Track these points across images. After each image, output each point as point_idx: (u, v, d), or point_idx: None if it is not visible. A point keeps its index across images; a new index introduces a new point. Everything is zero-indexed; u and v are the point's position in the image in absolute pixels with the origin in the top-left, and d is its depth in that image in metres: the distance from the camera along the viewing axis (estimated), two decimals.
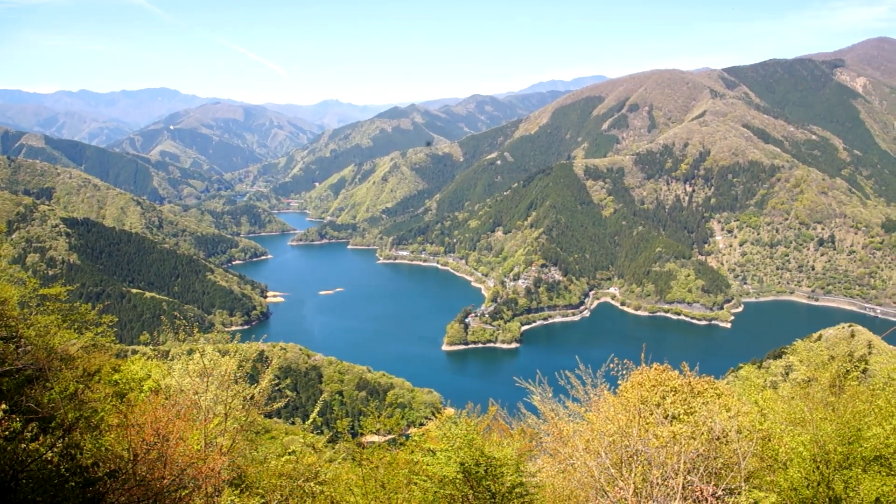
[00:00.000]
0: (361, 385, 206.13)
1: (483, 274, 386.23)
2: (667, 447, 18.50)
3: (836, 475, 17.56)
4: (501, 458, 20.28)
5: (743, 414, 21.90)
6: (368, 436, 23.08)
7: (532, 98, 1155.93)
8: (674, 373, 26.89)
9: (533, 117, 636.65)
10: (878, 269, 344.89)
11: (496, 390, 39.79)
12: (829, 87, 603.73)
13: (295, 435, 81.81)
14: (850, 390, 24.51)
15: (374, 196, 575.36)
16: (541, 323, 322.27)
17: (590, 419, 22.78)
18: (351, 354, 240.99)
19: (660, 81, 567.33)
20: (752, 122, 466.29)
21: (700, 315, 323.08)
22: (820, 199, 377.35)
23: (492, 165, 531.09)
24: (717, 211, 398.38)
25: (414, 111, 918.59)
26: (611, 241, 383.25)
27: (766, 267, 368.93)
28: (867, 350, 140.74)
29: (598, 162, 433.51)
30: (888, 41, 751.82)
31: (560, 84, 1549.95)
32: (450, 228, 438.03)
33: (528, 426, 26.73)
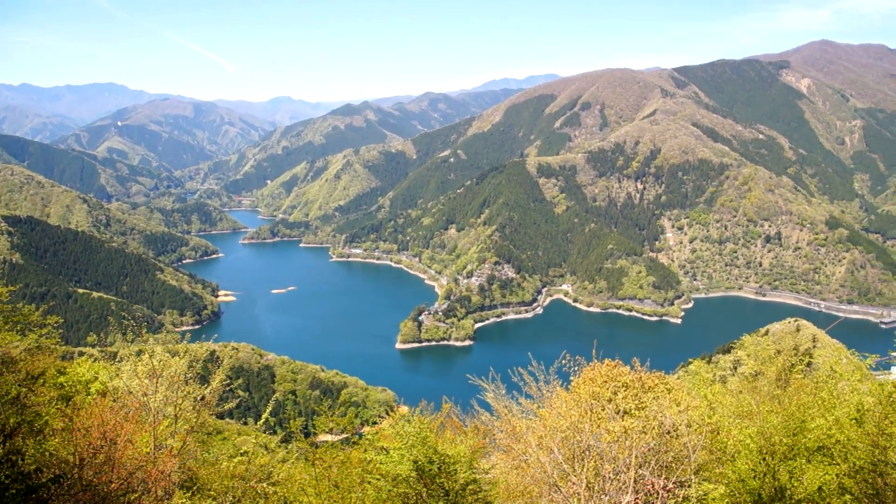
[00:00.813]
0: (315, 384, 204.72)
1: (436, 272, 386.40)
2: (618, 442, 18.62)
3: (781, 466, 17.85)
4: (455, 455, 20.23)
5: (693, 408, 22.14)
6: (322, 435, 22.92)
7: (485, 96, 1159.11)
8: (625, 368, 27.13)
9: (486, 115, 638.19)
10: (822, 266, 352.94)
11: (450, 388, 39.78)
12: (776, 88, 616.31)
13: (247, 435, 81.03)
14: (795, 383, 24.99)
15: (326, 194, 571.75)
16: (494, 320, 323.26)
17: (542, 415, 22.84)
18: (304, 353, 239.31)
19: (611, 80, 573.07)
20: (702, 121, 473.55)
21: (651, 311, 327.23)
22: (767, 197, 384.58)
23: (445, 163, 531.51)
24: (667, 208, 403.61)
25: (367, 108, 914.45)
26: (563, 238, 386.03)
27: (716, 263, 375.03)
28: (812, 344, 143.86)
29: (550, 160, 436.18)
30: (831, 44, 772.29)
31: (513, 82, 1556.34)
32: (403, 226, 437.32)
33: (481, 423, 26.70)
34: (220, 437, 70.87)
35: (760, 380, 25.09)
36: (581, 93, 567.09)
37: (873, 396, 19.94)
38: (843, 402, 20.85)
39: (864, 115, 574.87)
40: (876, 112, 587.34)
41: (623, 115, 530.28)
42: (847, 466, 17.86)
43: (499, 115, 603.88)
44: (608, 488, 17.40)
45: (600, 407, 22.76)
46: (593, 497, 17.32)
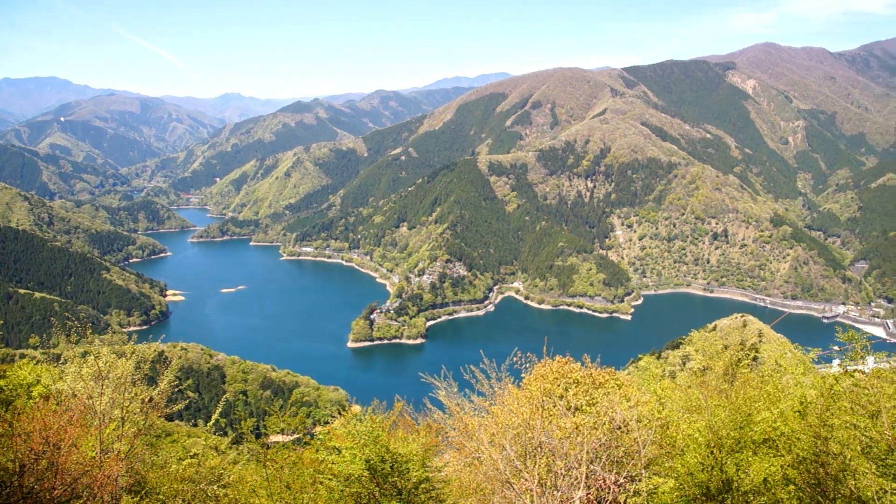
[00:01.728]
0: (266, 384, 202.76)
1: (388, 270, 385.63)
2: (570, 438, 18.73)
3: (728, 459, 18.11)
4: (407, 453, 20.17)
5: (642, 403, 22.38)
6: (273, 436, 22.64)
7: (437, 94, 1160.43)
8: (576, 365, 27.28)
9: (437, 113, 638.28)
10: (767, 262, 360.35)
11: (402, 386, 39.73)
12: (722, 89, 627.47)
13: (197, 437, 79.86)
14: (741, 378, 25.38)
15: (276, 192, 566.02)
16: (446, 318, 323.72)
17: (494, 412, 22.88)
18: (255, 353, 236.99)
19: (562, 79, 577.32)
20: (651, 120, 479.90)
21: (601, 308, 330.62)
22: (714, 195, 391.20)
23: (396, 161, 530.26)
24: (617, 206, 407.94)
25: (318, 106, 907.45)
26: (514, 236, 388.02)
27: (665, 260, 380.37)
28: (758, 339, 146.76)
29: (501, 158, 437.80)
30: (774, 46, 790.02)
31: (464, 80, 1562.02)
32: (354, 224, 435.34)
33: (434, 421, 26.62)
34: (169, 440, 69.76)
35: (708, 374, 25.45)
36: (532, 91, 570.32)
37: (816, 389, 20.39)
38: (788, 395, 21.28)
39: (806, 116, 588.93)
40: (817, 113, 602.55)
41: (573, 113, 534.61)
42: (791, 458, 18.23)
43: (450, 114, 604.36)
44: (560, 484, 17.49)
45: (552, 403, 22.89)
46: (546, 493, 17.39)
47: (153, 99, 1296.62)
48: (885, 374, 18.55)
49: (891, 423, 16.23)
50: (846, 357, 19.55)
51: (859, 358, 18.62)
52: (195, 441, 40.78)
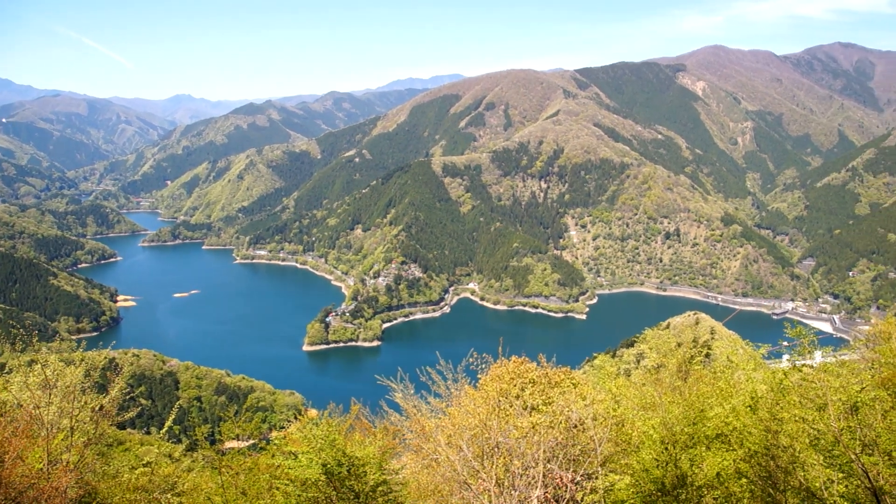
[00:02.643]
0: (220, 389, 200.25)
1: (343, 272, 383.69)
2: (527, 437, 18.82)
3: (682, 454, 18.35)
4: (364, 457, 20.12)
5: (598, 402, 22.53)
6: (228, 442, 22.38)
7: (390, 96, 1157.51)
8: (532, 365, 27.42)
9: (391, 115, 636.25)
10: (718, 260, 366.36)
11: (359, 389, 39.47)
12: (673, 90, 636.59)
13: (150, 445, 78.52)
14: (694, 374, 25.76)
15: (229, 194, 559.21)
16: (402, 320, 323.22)
17: (451, 414, 22.89)
18: (209, 358, 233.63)
19: (515, 81, 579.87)
20: (603, 121, 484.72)
21: (557, 308, 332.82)
22: (666, 195, 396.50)
23: (350, 163, 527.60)
24: (571, 207, 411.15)
25: (270, 108, 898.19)
26: (469, 237, 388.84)
27: (618, 260, 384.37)
28: (710, 336, 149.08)
29: (455, 159, 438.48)
30: (723, 49, 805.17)
31: (418, 82, 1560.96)
32: (308, 227, 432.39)
33: (390, 424, 26.54)
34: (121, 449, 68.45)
35: (662, 372, 25.78)
36: (485, 93, 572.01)
37: (766, 384, 20.78)
38: (739, 390, 21.63)
39: (754, 117, 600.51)
40: (765, 114, 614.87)
41: (527, 115, 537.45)
42: (743, 452, 18.56)
43: (404, 115, 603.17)
44: (518, 484, 17.56)
45: (508, 404, 22.98)
46: (503, 493, 17.44)
47: (101, 100, 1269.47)
48: (832, 369, 18.99)
49: (837, 415, 16.61)
50: (795, 352, 19.99)
51: (807, 353, 19.03)
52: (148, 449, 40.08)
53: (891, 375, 21.48)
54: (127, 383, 24.55)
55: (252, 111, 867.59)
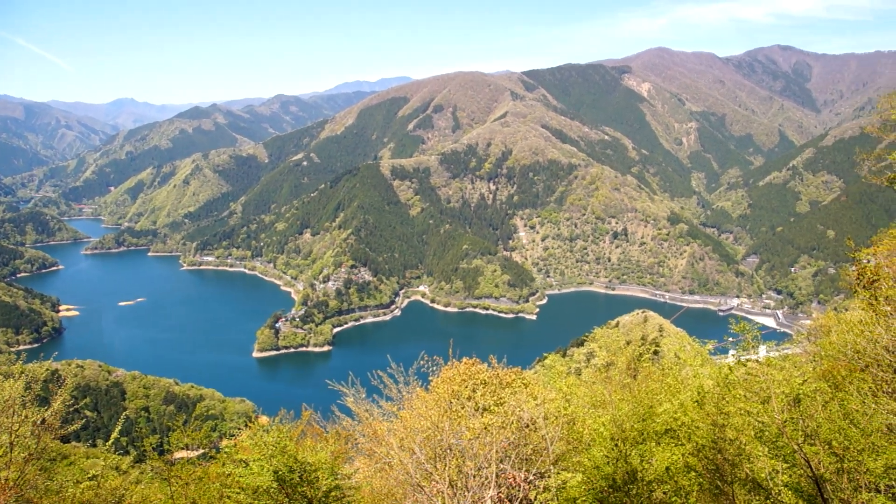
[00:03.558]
0: (169, 399, 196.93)
1: (292, 277, 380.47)
2: (479, 438, 18.89)
3: (632, 450, 18.55)
4: (316, 462, 19.98)
5: (549, 401, 22.67)
6: (178, 452, 22.08)
7: (338, 98, 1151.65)
8: (483, 366, 27.49)
9: (339, 118, 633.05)
10: (665, 259, 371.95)
11: (310, 395, 39.30)
12: (619, 92, 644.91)
13: (96, 458, 76.93)
14: (643, 371, 26.14)
15: (175, 200, 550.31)
16: (353, 324, 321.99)
17: (403, 417, 22.88)
18: (157, 367, 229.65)
19: (463, 83, 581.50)
20: (551, 122, 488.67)
21: (507, 309, 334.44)
22: (613, 195, 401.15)
23: (298, 167, 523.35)
24: (519, 208, 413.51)
25: (216, 111, 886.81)
26: (419, 239, 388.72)
27: (567, 260, 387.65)
28: (658, 333, 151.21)
29: (404, 162, 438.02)
30: (667, 51, 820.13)
31: (366, 85, 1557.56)
32: (256, 232, 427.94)
33: (342, 428, 26.42)
34: (65, 463, 66.86)
35: (612, 370, 26.05)
36: (433, 95, 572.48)
37: (712, 379, 21.15)
38: (687, 386, 21.99)
39: (698, 118, 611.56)
40: (708, 115, 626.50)
41: (475, 117, 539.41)
42: (691, 446, 18.85)
43: (352, 118, 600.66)
44: (471, 484, 17.61)
45: (460, 405, 23.05)
46: (457, 494, 17.48)
47: (39, 104, 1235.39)
48: (775, 362, 19.42)
49: (780, 408, 16.99)
50: (739, 347, 20.40)
51: (751, 347, 19.42)
52: (94, 462, 39.03)
53: (831, 368, 22.06)
54: (71, 395, 24.00)
55: (198, 115, 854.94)
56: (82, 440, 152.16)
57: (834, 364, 22.89)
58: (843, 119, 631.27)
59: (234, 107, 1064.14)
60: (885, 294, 22.34)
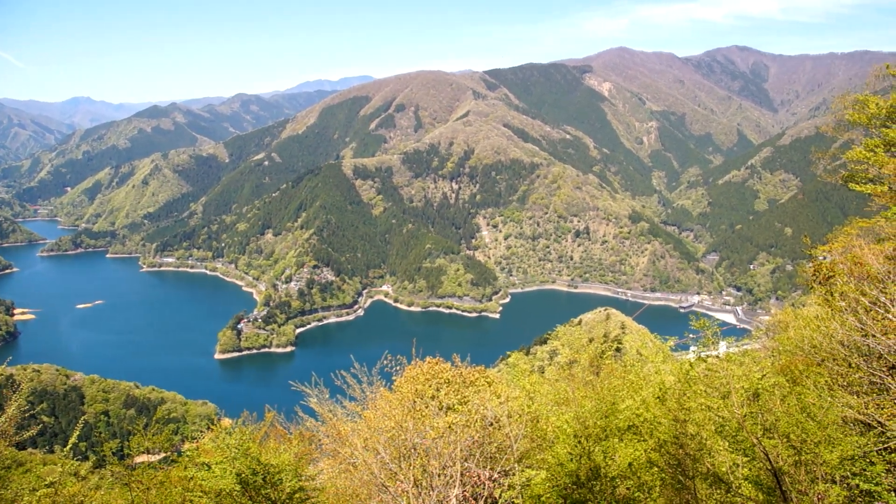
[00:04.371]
0: (129, 402, 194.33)
1: (254, 278, 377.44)
2: (443, 437, 18.90)
3: (596, 447, 18.72)
4: (279, 464, 19.88)
5: (513, 399, 22.77)
6: (139, 456, 21.76)
7: (299, 98, 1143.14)
8: (446, 365, 27.52)
9: (300, 117, 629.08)
10: (627, 257, 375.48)
11: (273, 396, 39.09)
12: (580, 91, 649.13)
13: (54, 464, 75.66)
14: (606, 368, 26.35)
15: (134, 201, 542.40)
16: (315, 324, 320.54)
17: (367, 417, 22.82)
18: (116, 370, 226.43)
19: (425, 82, 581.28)
20: (513, 122, 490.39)
21: (470, 308, 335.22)
22: (575, 194, 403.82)
23: (259, 166, 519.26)
24: (482, 207, 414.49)
25: (175, 110, 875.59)
26: (382, 239, 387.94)
27: (530, 259, 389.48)
28: (621, 330, 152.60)
29: (366, 161, 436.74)
30: (628, 51, 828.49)
31: (327, 84, 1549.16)
32: (217, 232, 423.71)
33: (306, 430, 26.30)
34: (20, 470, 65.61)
35: (575, 367, 26.23)
36: (395, 95, 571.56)
37: (674, 375, 21.44)
38: (649, 382, 22.24)
39: (658, 117, 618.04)
40: (669, 114, 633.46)
41: (437, 116, 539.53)
42: (653, 442, 19.09)
43: (313, 117, 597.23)
44: (436, 484, 17.62)
45: (424, 404, 23.05)
46: (421, 494, 17.49)
47: None
48: (735, 358, 19.72)
49: (740, 402, 17.27)
50: (699, 343, 20.68)
51: (711, 343, 19.69)
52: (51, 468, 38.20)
53: (789, 362, 22.45)
54: (26, 400, 23.49)
55: (156, 114, 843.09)
56: (39, 446, 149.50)
57: (792, 359, 23.31)
58: (799, 119, 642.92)
59: (193, 106, 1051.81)
60: (840, 290, 22.77)
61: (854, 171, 32.87)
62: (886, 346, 18.44)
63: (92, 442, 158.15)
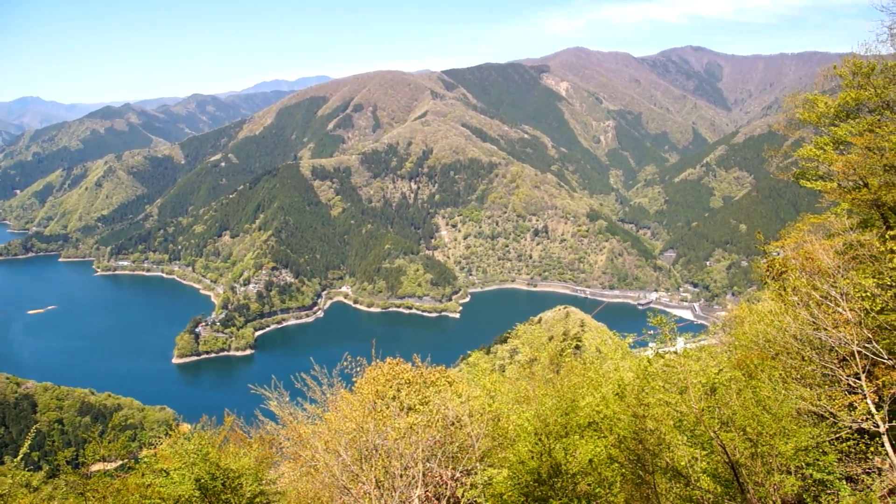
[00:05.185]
0: (84, 409, 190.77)
1: (212, 281, 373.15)
2: (405, 438, 18.93)
3: (556, 444, 18.82)
4: (239, 468, 19.76)
5: (474, 398, 22.84)
6: (94, 464, 21.45)
7: (256, 98, 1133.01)
8: (407, 365, 27.57)
9: (257, 118, 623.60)
10: (585, 255, 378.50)
11: (232, 400, 38.63)
12: (538, 91, 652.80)
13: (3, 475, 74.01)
14: (566, 366, 26.56)
15: (87, 203, 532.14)
16: (275, 327, 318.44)
17: (328, 419, 22.75)
18: (71, 377, 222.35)
19: (383, 82, 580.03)
20: (471, 121, 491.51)
21: (430, 308, 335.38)
22: (534, 193, 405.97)
23: (216, 168, 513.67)
24: (441, 207, 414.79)
25: (129, 111, 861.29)
26: (341, 240, 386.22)
27: (489, 258, 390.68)
28: (580, 328, 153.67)
29: (324, 162, 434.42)
30: (584, 51, 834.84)
31: (284, 84, 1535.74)
32: (174, 235, 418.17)
33: (266, 433, 26.17)
34: None
35: (535, 366, 26.46)
36: (353, 95, 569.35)
37: (632, 372, 21.67)
38: (608, 379, 22.45)
39: (615, 116, 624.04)
40: (625, 113, 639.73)
41: (395, 116, 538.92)
42: (613, 438, 19.27)
43: (270, 118, 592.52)
44: (398, 484, 17.64)
45: (385, 405, 23.05)
46: (384, 495, 17.49)
47: None
48: (692, 353, 20.03)
49: (697, 397, 17.52)
50: (658, 340, 20.94)
51: (669, 340, 19.95)
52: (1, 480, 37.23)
53: (744, 357, 22.84)
54: None
55: (110, 115, 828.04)
56: None
57: (747, 353, 23.73)
58: (752, 117, 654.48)
59: (148, 106, 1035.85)
60: (793, 285, 23.21)
61: (805, 169, 33.59)
62: (837, 339, 18.87)
63: (45, 451, 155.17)
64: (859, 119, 30.39)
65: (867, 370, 18.55)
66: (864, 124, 29.47)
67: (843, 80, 30.63)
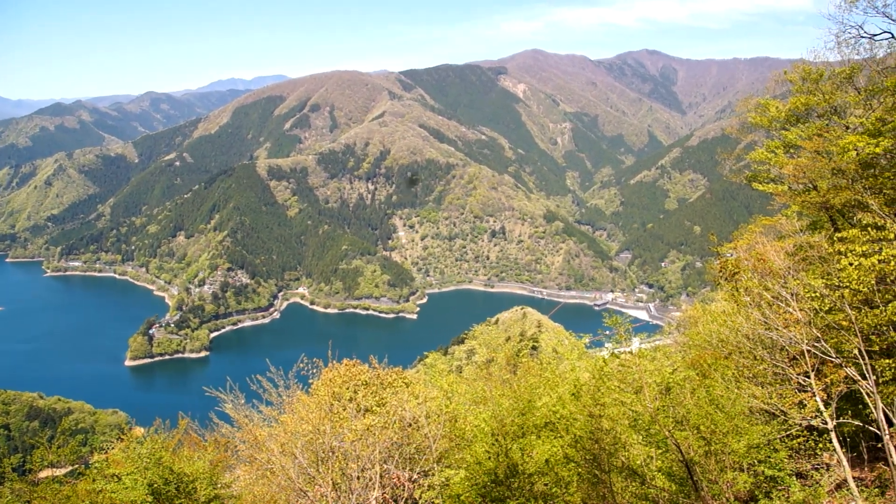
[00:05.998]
0: (32, 414, 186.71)
1: (166, 281, 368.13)
2: (362, 439, 18.87)
3: (513, 444, 18.90)
4: (193, 472, 19.54)
5: (431, 399, 22.86)
6: (42, 471, 21.03)
7: (211, 97, 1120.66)
8: (363, 367, 27.48)
9: (213, 116, 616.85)
10: (542, 256, 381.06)
11: (187, 403, 38.30)
12: (495, 92, 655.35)
13: None
14: (523, 366, 26.69)
15: (36, 202, 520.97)
16: (230, 328, 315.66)
17: (284, 421, 22.63)
18: (18, 381, 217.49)
19: (340, 82, 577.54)
20: (429, 122, 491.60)
21: (388, 309, 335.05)
22: (491, 194, 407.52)
23: (170, 167, 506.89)
24: (398, 208, 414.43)
25: (81, 108, 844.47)
26: (297, 241, 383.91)
27: (447, 259, 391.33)
28: (537, 329, 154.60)
29: (281, 162, 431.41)
30: (542, 53, 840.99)
31: (240, 83, 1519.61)
32: (127, 235, 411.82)
33: (221, 436, 25.90)
34: None
35: (493, 366, 26.53)
36: (310, 94, 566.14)
37: (588, 372, 21.87)
38: (565, 379, 22.63)
39: (572, 119, 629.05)
40: (582, 116, 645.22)
41: (352, 116, 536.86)
42: (570, 438, 19.41)
43: (226, 117, 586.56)
44: (355, 486, 17.58)
45: (341, 407, 22.93)
46: (341, 497, 17.42)
47: None
48: (647, 353, 20.26)
49: (652, 396, 17.73)
50: (613, 340, 21.15)
51: (624, 340, 20.14)
52: None
53: (698, 356, 23.19)
54: None
55: (60, 112, 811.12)
56: None
57: (701, 353, 24.12)
58: (706, 121, 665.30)
59: (100, 104, 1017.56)
60: (745, 286, 23.62)
61: (757, 172, 34.26)
62: (788, 338, 19.26)
63: None
64: (809, 123, 31.08)
65: (816, 369, 18.98)
66: (813, 129, 30.15)
67: (793, 85, 31.29)
